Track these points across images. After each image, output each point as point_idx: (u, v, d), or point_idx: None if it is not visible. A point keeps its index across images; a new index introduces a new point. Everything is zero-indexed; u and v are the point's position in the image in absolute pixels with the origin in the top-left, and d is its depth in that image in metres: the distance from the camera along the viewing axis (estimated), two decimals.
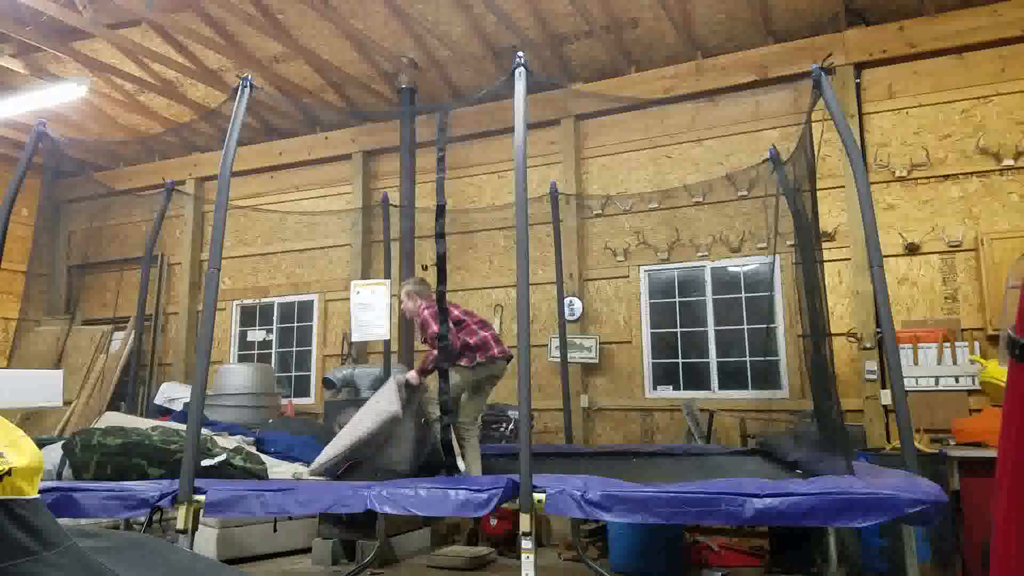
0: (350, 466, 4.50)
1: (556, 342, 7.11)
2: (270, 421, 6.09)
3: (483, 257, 8.22)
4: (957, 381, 5.93)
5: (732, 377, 6.99)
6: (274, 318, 9.33)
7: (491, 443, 6.66)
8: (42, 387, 6.47)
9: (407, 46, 7.57)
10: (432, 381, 4.51)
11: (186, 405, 7.54)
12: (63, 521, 1.49)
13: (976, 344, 5.99)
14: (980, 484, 4.61)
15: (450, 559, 5.67)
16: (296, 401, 8.65)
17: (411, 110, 7.87)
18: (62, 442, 4.29)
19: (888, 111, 6.64)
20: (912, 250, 6.37)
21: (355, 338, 6.51)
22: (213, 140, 9.60)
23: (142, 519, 4.87)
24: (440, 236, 4.17)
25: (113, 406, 8.99)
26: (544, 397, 7.42)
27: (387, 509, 3.38)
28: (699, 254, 7.18)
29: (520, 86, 3.78)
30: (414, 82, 7.89)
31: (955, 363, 5.95)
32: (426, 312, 4.64)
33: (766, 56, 7.00)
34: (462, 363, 4.60)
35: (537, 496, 3.26)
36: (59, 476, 4.09)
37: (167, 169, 9.54)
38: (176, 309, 9.79)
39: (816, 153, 4.41)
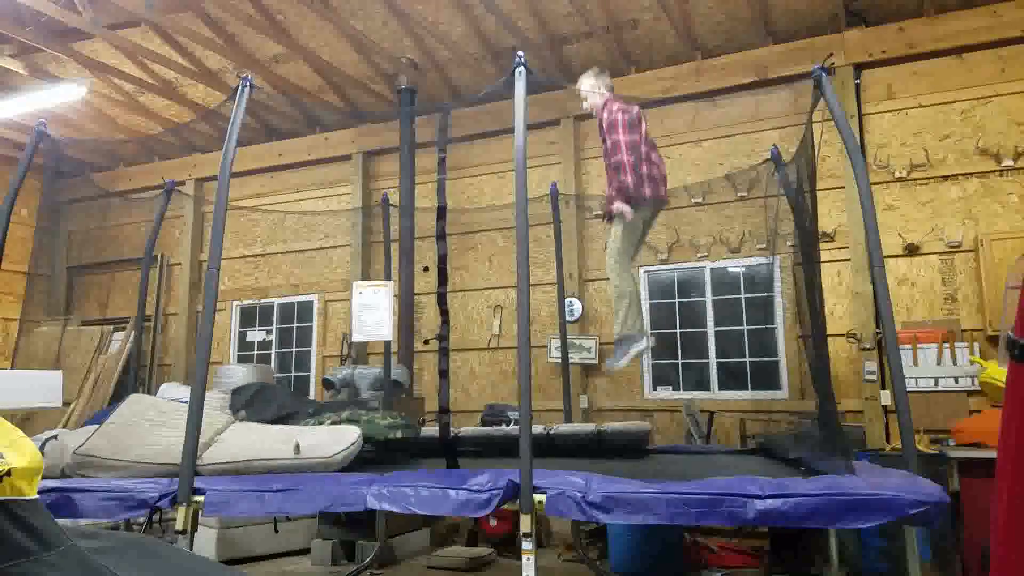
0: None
1: (556, 343, 7.12)
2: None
3: (483, 257, 8.22)
4: (957, 382, 5.93)
5: (732, 378, 6.99)
6: (274, 318, 9.33)
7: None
8: (42, 387, 6.47)
9: (407, 47, 7.57)
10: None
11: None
12: (63, 521, 1.49)
13: (976, 345, 6.00)
14: (980, 484, 4.61)
15: (450, 560, 5.67)
16: None
17: (411, 111, 7.87)
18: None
19: (888, 111, 6.64)
20: (912, 251, 6.37)
21: (356, 339, 6.53)
22: (213, 140, 9.60)
23: (142, 520, 4.87)
24: (441, 238, 4.16)
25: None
26: (544, 398, 7.42)
27: (387, 507, 3.38)
28: (699, 255, 7.19)
29: (520, 86, 3.77)
30: (414, 83, 7.89)
31: (955, 364, 5.95)
32: (620, 115, 4.56)
33: (766, 56, 7.00)
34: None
35: (538, 497, 3.25)
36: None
37: (167, 169, 9.54)
38: (176, 310, 9.79)
39: (817, 154, 4.41)
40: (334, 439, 4.00)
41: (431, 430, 5.06)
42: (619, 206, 4.53)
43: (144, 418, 4.09)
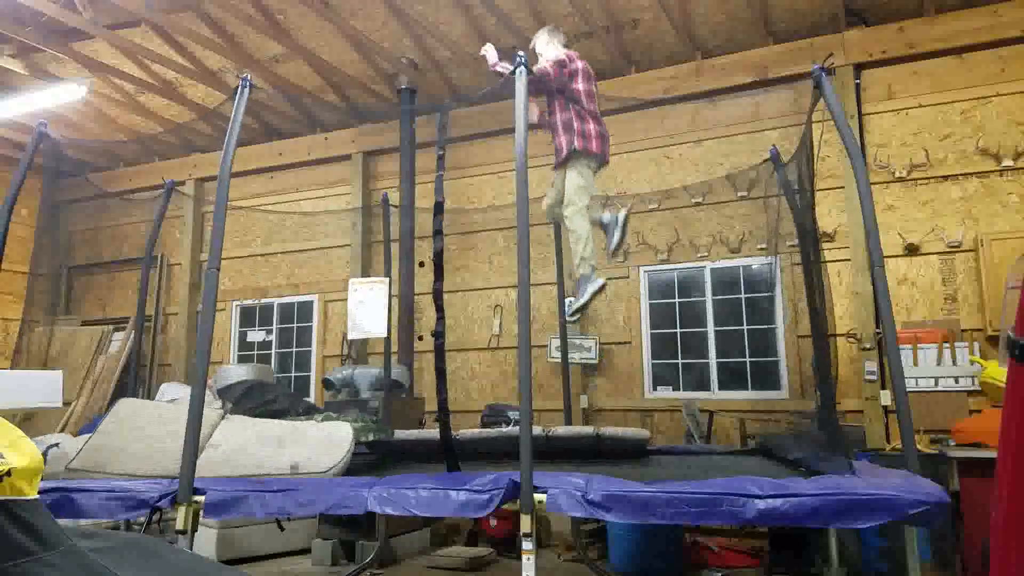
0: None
1: (556, 342, 7.11)
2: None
3: (483, 257, 8.21)
4: (957, 382, 5.93)
5: (732, 378, 6.99)
6: (274, 319, 9.33)
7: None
8: (42, 387, 6.47)
9: (407, 46, 7.57)
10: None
11: None
12: (63, 522, 1.49)
13: (976, 345, 6.00)
14: (980, 484, 4.61)
15: (450, 560, 5.67)
16: None
17: (411, 110, 7.87)
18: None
19: (888, 112, 6.64)
20: (912, 251, 6.37)
21: (352, 336, 6.51)
22: (213, 140, 9.60)
23: (142, 520, 4.87)
24: (438, 233, 4.15)
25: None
26: (544, 398, 7.42)
27: (388, 510, 3.37)
28: (699, 255, 7.18)
29: (521, 86, 3.78)
30: (414, 82, 7.89)
31: (955, 364, 5.95)
32: (580, 63, 4.79)
33: (766, 56, 7.00)
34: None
35: (538, 497, 3.25)
36: None
37: (166, 169, 9.54)
38: (176, 310, 9.79)
39: (816, 154, 4.41)
40: (327, 452, 4.04)
41: (426, 433, 5.08)
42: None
43: (131, 427, 4.10)
